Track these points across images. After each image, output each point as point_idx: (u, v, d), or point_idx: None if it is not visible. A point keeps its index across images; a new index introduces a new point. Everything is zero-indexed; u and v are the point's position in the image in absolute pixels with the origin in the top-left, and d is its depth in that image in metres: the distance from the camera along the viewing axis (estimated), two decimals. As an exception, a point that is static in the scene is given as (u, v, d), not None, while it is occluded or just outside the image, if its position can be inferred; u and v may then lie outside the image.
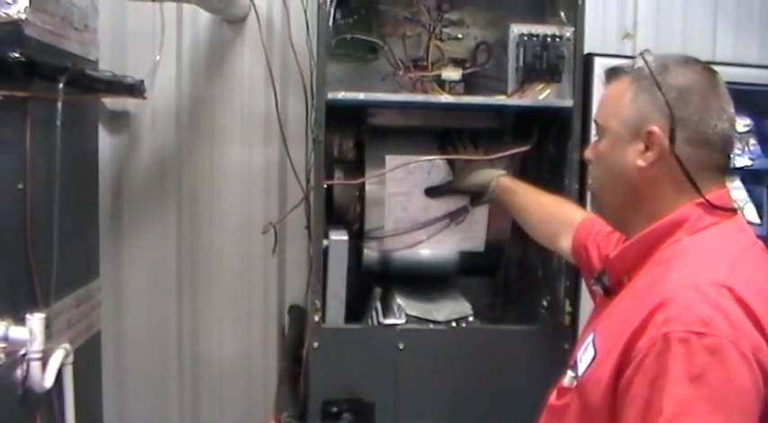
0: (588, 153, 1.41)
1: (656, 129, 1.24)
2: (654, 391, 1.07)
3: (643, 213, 1.29)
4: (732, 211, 1.28)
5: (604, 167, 1.35)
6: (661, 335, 1.08)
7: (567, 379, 1.30)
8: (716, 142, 1.25)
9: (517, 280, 2.25)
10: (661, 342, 1.08)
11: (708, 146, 1.25)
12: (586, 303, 1.65)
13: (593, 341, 1.26)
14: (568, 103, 1.92)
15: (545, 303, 2.01)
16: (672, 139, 1.23)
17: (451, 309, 1.98)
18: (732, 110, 1.28)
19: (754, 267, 1.20)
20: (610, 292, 1.34)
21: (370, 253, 2.05)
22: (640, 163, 1.26)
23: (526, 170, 2.15)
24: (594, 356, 1.22)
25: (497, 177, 1.94)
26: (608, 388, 1.16)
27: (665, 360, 1.06)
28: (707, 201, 1.24)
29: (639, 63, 1.30)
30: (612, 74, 1.35)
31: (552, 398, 1.35)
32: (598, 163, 1.36)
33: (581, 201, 1.92)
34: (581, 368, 1.25)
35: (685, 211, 1.25)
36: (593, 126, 1.88)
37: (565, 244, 1.74)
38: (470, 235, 2.03)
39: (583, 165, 1.91)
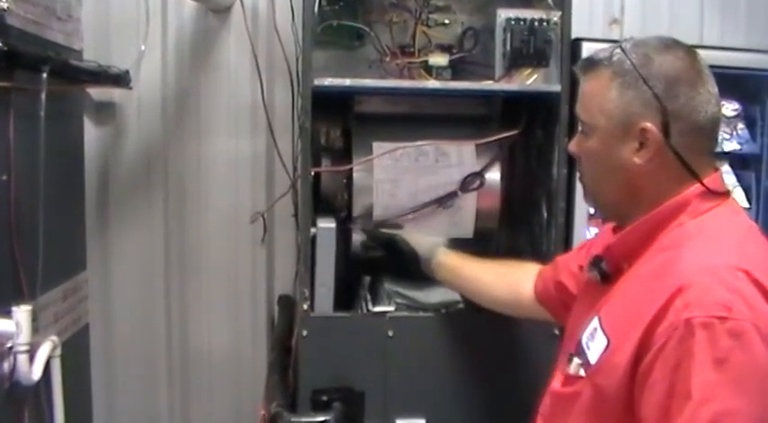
0: (573, 147, 1.38)
1: (648, 125, 1.22)
2: (678, 377, 1.07)
3: (643, 205, 1.28)
4: (726, 193, 1.27)
5: (597, 165, 1.33)
6: (682, 320, 1.08)
7: (574, 366, 1.28)
8: (707, 128, 1.25)
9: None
10: (683, 328, 1.08)
11: (700, 133, 1.24)
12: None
13: (602, 327, 1.24)
14: (556, 88, 1.91)
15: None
16: (666, 134, 1.22)
17: (441, 296, 1.96)
18: (716, 89, 1.26)
19: (758, 249, 1.21)
20: (608, 278, 1.32)
21: (359, 240, 2.03)
22: (637, 160, 1.25)
23: (514, 156, 2.15)
24: (608, 344, 1.21)
25: (441, 252, 1.90)
26: (625, 374, 1.15)
27: (689, 345, 1.07)
28: (706, 187, 1.23)
29: (618, 55, 1.26)
30: (589, 65, 1.32)
31: (556, 384, 1.34)
32: (587, 160, 1.34)
33: (569, 187, 1.93)
34: (592, 355, 1.24)
35: (687, 195, 1.24)
36: None
37: (527, 294, 1.70)
38: (459, 221, 2.02)
39: (571, 150, 2.00)
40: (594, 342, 1.24)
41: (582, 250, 1.59)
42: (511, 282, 1.77)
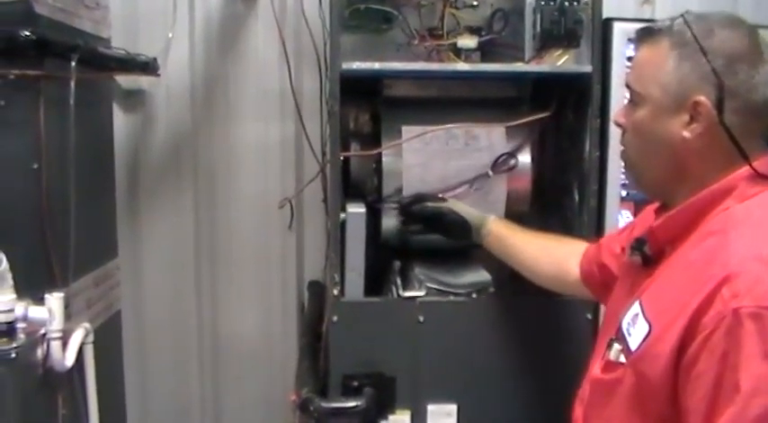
0: (619, 118, 1.35)
1: (702, 99, 1.19)
2: (725, 368, 1.05)
3: (688, 183, 1.26)
4: None
5: (643, 137, 1.30)
6: (730, 310, 1.06)
7: (614, 352, 1.27)
8: (762, 109, 1.22)
9: None
10: (730, 317, 1.06)
11: (755, 113, 1.22)
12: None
13: (644, 313, 1.22)
14: (587, 68, 1.89)
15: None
16: (720, 110, 1.19)
17: (471, 279, 1.96)
18: None
19: None
20: (650, 261, 1.30)
21: (389, 225, 2.02)
22: (686, 134, 1.22)
23: (545, 139, 2.13)
24: (650, 331, 1.18)
25: (492, 221, 1.89)
26: (669, 363, 1.13)
27: (737, 336, 1.04)
28: (755, 169, 1.21)
29: (679, 26, 1.23)
30: (647, 35, 1.29)
31: (597, 370, 1.32)
32: (635, 131, 1.31)
33: (601, 170, 1.92)
34: (633, 342, 1.21)
35: (734, 178, 1.22)
36: (613, 93, 1.95)
37: (573, 272, 1.68)
38: (490, 204, 1.99)
39: (603, 133, 1.91)
40: (636, 328, 1.22)
41: (625, 231, 1.56)
42: (558, 257, 1.74)
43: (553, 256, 1.76)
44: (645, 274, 1.30)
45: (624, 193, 2.07)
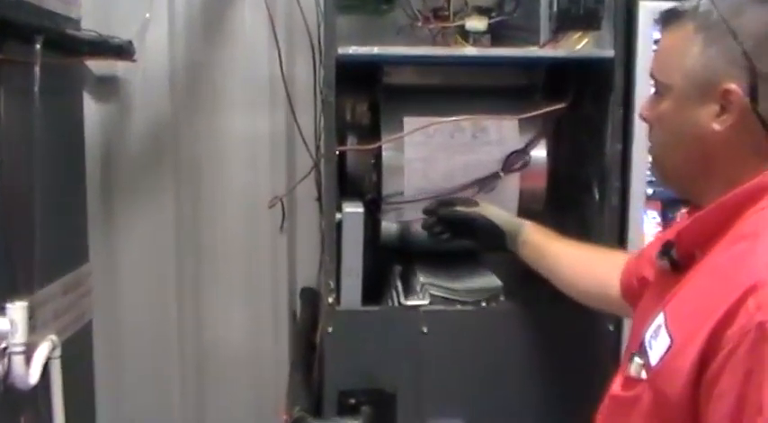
0: (645, 111, 1.30)
1: (733, 86, 1.13)
2: (749, 387, 0.99)
3: (718, 180, 1.19)
4: None
5: (669, 130, 1.24)
6: (755, 323, 1.00)
7: (635, 367, 1.21)
8: None
9: None
10: (755, 331, 0.99)
11: None
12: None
13: (666, 325, 1.15)
14: (609, 53, 1.82)
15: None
16: (753, 98, 1.12)
17: (480, 285, 1.92)
18: None
19: None
20: (678, 267, 1.23)
21: (389, 226, 1.98)
22: (716, 127, 1.16)
23: (561, 132, 2.06)
24: (671, 344, 1.12)
25: (528, 228, 1.82)
26: (689, 380, 1.07)
27: (761, 353, 0.99)
28: None
29: (705, 6, 1.16)
30: (670, 17, 1.23)
31: (616, 387, 1.27)
32: (660, 125, 1.26)
33: (624, 165, 1.86)
34: (653, 356, 1.16)
35: None
36: (637, 80, 1.84)
37: (615, 289, 1.59)
38: (501, 205, 1.91)
39: (626, 124, 1.84)
40: (657, 341, 1.15)
41: (665, 235, 1.47)
42: (600, 273, 1.65)
43: (595, 272, 1.68)
44: (673, 281, 1.23)
45: (650, 190, 1.96)
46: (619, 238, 1.86)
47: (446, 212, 1.90)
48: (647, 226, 1.96)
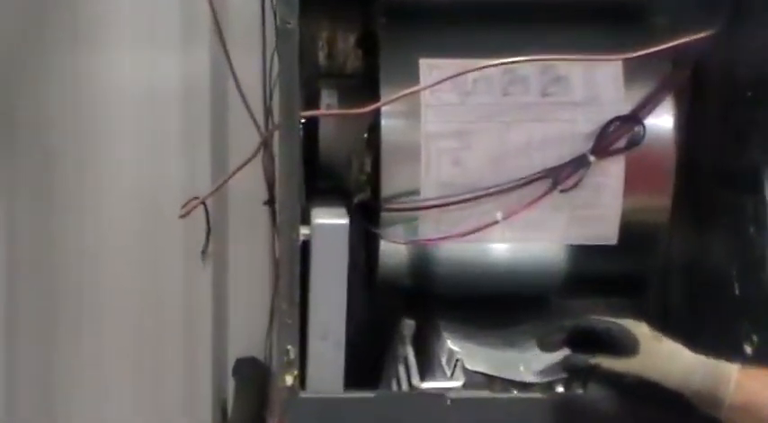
0: None
1: None
2: None
3: None
4: None
5: None
6: None
7: None
8: None
9: (688, 303, 1.82)
10: None
11: None
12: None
13: None
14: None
15: (748, 348, 1.56)
16: None
17: (553, 358, 1.53)
18: None
19: None
20: None
21: (392, 251, 1.63)
22: None
23: (701, 90, 1.72)
24: None
25: (736, 385, 1.44)
26: None
27: None
28: None
29: None
30: None
31: None
32: None
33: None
34: None
35: None
36: None
37: None
38: (590, 213, 1.59)
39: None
40: None
41: None
42: None
43: None
44: None
45: None
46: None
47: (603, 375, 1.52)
48: None
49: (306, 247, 1.55)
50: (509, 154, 1.67)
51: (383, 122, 1.65)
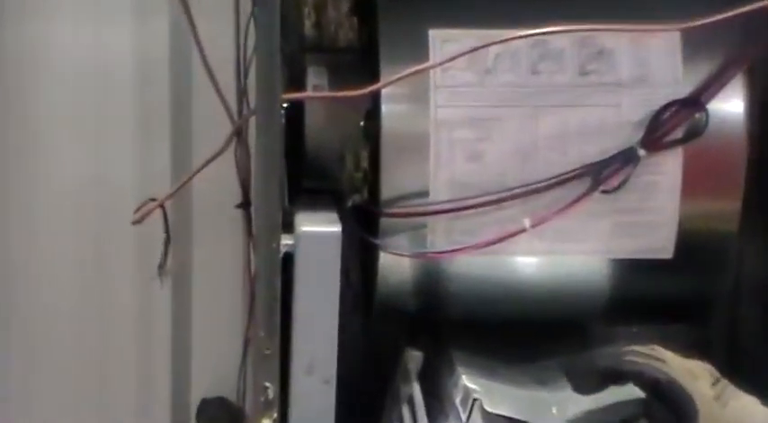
0: None
1: None
2: None
3: None
4: None
5: None
6: None
7: None
8: None
9: (764, 332, 1.72)
10: None
11: None
12: None
13: None
14: None
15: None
16: None
17: (594, 401, 1.46)
18: None
19: None
20: None
21: (395, 264, 1.51)
22: None
23: None
24: None
25: None
26: None
27: None
28: None
29: None
30: None
31: None
32: None
33: None
34: None
35: None
36: None
37: None
38: (640, 219, 1.48)
39: None
40: None
41: None
42: None
43: None
44: None
45: None
46: None
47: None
48: None
49: (288, 261, 1.42)
50: (539, 147, 1.54)
51: (383, 108, 1.52)
